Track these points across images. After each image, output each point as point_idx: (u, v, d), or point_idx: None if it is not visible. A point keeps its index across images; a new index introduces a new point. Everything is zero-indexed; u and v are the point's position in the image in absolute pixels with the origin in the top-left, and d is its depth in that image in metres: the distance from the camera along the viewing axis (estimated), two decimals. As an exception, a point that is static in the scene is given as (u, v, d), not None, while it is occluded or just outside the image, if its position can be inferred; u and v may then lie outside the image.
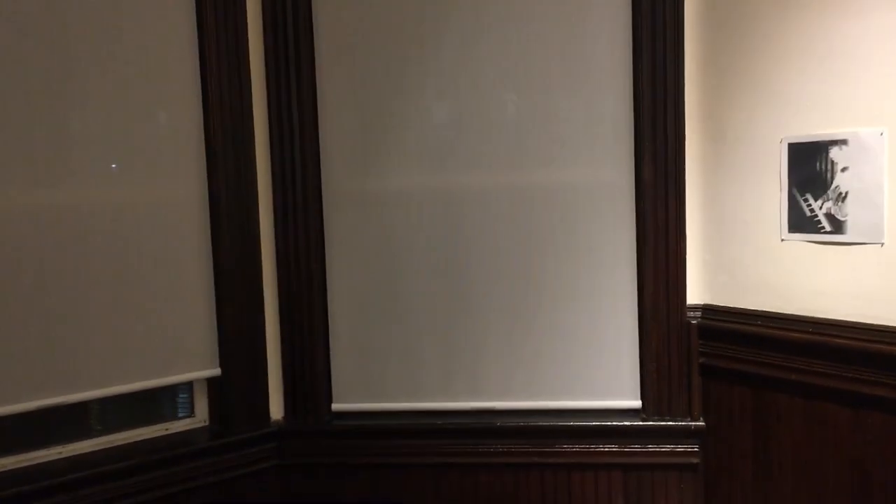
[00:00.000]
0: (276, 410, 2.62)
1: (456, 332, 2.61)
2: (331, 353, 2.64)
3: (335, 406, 2.65)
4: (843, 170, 2.15)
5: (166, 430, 2.52)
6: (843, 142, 2.15)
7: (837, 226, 2.18)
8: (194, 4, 2.43)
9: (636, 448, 2.51)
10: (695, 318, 2.49)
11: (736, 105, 2.38)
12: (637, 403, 2.54)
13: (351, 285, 2.63)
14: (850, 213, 2.15)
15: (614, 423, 2.52)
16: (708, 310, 2.49)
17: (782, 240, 2.30)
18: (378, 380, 2.64)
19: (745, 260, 2.39)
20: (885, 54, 2.05)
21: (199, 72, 2.44)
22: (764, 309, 2.34)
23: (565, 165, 2.54)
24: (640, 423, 2.51)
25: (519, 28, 2.53)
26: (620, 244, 2.54)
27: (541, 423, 2.54)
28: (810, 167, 2.22)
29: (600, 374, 2.56)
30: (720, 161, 2.44)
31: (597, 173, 2.54)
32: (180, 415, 2.57)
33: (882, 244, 2.09)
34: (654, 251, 2.48)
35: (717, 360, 2.45)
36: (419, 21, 2.55)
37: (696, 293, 2.50)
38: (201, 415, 2.57)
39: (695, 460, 2.49)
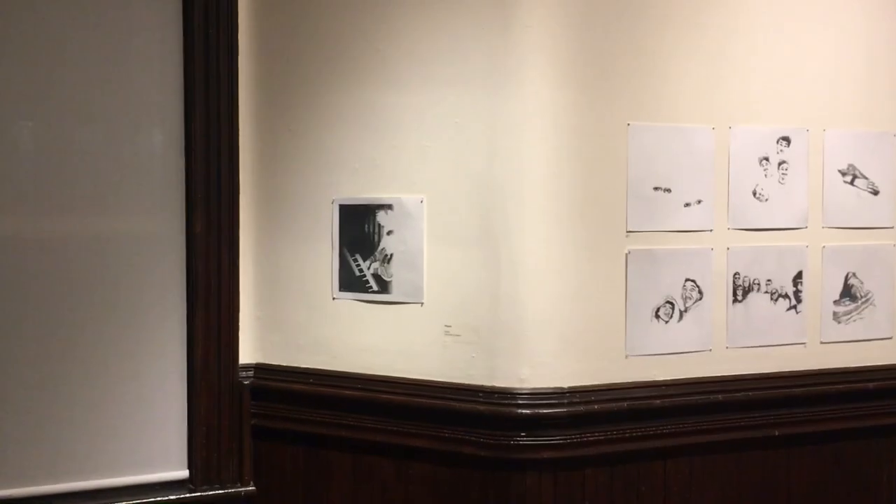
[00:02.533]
0: None
1: (-39, 410, 2.15)
2: None
3: None
4: (389, 233, 2.28)
5: None
6: (389, 206, 2.28)
7: (384, 286, 2.29)
8: None
9: (182, 524, 2.32)
10: (247, 378, 2.40)
11: (291, 165, 2.39)
12: (184, 473, 2.35)
13: None
14: (395, 273, 2.28)
15: (158, 499, 2.29)
16: (261, 369, 2.42)
17: (334, 298, 2.35)
18: None
19: (299, 318, 2.39)
20: (422, 127, 2.23)
21: None
22: (317, 367, 2.36)
23: (107, 214, 2.28)
24: (188, 494, 2.33)
25: (49, 49, 2.21)
26: (169, 301, 2.34)
27: (69, 510, 2.21)
28: (360, 229, 2.31)
29: (144, 446, 2.32)
30: (275, 218, 2.41)
31: (144, 223, 2.33)
32: None
33: (422, 304, 2.25)
34: (205, 309, 2.34)
35: (270, 421, 2.39)
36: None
37: (248, 352, 2.42)
38: None
39: (244, 528, 2.40)
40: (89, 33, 2.25)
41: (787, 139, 2.36)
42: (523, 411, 2.14)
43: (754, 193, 2.34)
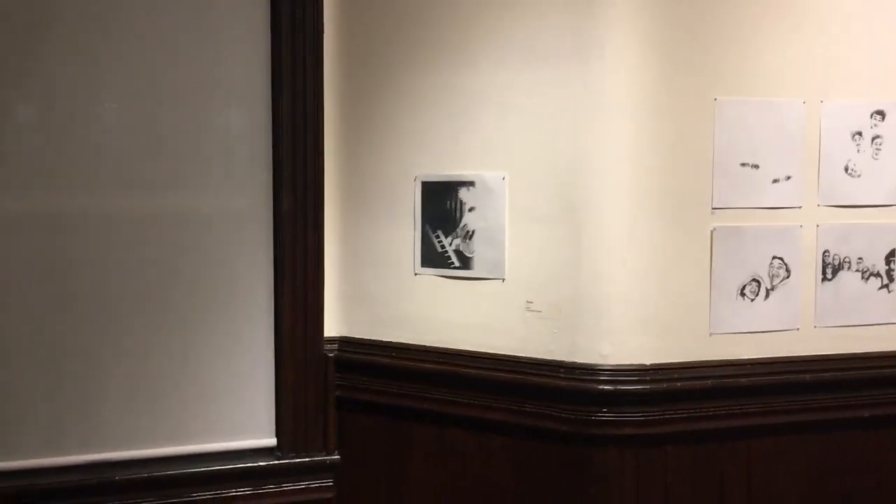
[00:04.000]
0: None
1: (66, 377, 2.26)
2: None
3: None
4: (471, 209, 2.30)
5: None
6: (471, 183, 2.29)
7: (465, 262, 2.32)
8: None
9: (271, 488, 2.39)
10: (332, 350, 2.46)
11: (373, 143, 2.43)
12: (272, 441, 2.43)
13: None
14: (477, 250, 2.30)
15: (248, 465, 2.38)
16: (345, 342, 2.48)
17: (416, 274, 2.38)
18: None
19: (381, 293, 2.44)
20: (503, 104, 2.24)
21: None
22: (399, 341, 2.40)
23: (197, 191, 2.36)
24: (276, 461, 2.41)
25: (145, 35, 2.29)
26: (257, 276, 2.41)
27: (167, 473, 2.30)
28: (442, 206, 2.34)
29: (234, 414, 2.41)
30: (359, 195, 2.46)
31: (232, 201, 2.39)
32: None
33: (503, 279, 2.27)
34: (292, 284, 2.41)
35: (353, 393, 2.46)
36: (28, 4, 2.18)
37: (333, 325, 2.48)
38: None
39: (329, 495, 2.45)
40: (177, 13, 2.32)
41: (881, 113, 2.28)
42: (605, 387, 2.14)
43: (846, 169, 2.27)
